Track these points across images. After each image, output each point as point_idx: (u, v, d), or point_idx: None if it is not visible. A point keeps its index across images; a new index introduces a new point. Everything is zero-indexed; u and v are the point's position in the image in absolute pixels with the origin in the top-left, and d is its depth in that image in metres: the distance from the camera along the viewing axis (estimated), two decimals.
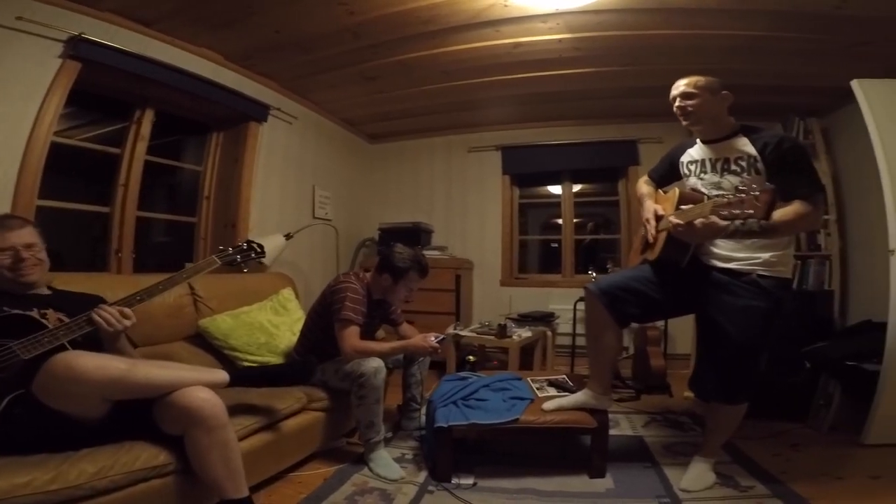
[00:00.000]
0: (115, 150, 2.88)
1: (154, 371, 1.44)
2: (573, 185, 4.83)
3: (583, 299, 2.15)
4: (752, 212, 1.48)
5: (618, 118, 4.40)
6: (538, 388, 2.35)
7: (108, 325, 1.48)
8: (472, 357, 3.24)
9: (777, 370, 2.72)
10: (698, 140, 2.00)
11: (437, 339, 2.26)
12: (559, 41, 2.94)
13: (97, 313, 1.48)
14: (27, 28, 2.21)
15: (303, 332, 2.47)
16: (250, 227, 3.39)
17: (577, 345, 3.81)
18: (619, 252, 4.63)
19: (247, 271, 1.94)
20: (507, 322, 3.61)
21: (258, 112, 3.48)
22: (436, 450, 2.07)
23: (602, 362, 2.07)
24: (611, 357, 2.08)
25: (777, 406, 2.68)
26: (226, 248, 1.82)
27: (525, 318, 3.95)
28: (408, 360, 2.58)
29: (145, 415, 1.46)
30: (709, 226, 1.65)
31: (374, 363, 2.10)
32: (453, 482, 1.99)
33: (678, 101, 1.91)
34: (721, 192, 1.72)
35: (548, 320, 3.98)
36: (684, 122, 1.93)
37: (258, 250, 1.86)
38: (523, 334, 3.51)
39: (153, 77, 2.72)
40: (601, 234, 5.04)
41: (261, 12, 2.62)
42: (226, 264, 1.80)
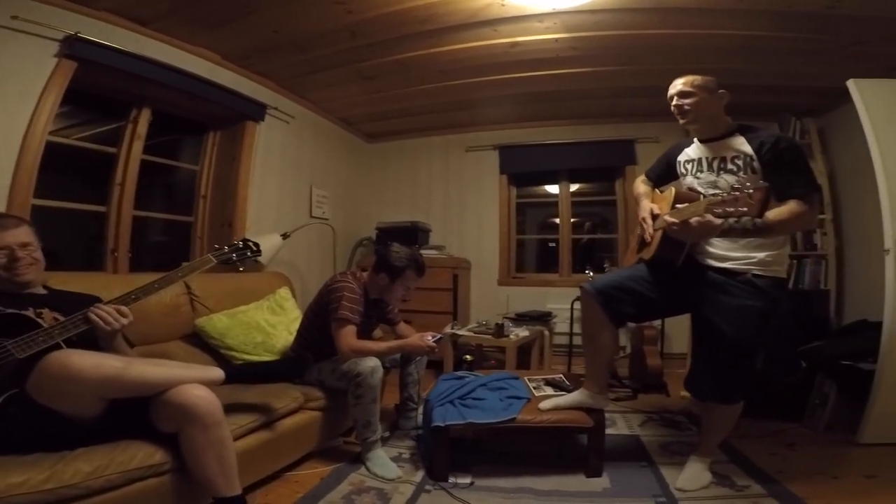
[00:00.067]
0: (111, 150, 2.87)
1: (149, 369, 1.44)
2: (570, 185, 4.84)
3: (580, 299, 2.15)
4: (745, 209, 1.48)
5: (615, 118, 4.40)
6: (535, 388, 2.36)
7: (104, 323, 1.47)
8: (468, 356, 3.25)
9: (773, 369, 2.73)
10: (695, 139, 2.01)
11: (434, 339, 2.27)
12: (556, 41, 2.94)
13: (93, 312, 1.47)
14: (23, 27, 2.21)
15: (299, 332, 2.47)
16: (247, 226, 3.39)
17: (574, 344, 3.81)
18: (616, 251, 4.64)
19: (242, 270, 1.94)
20: (505, 321, 3.62)
21: (255, 111, 3.47)
22: (433, 449, 2.07)
23: (598, 362, 2.08)
24: (607, 356, 2.09)
25: (773, 405, 2.69)
26: (221, 247, 1.82)
27: (522, 318, 3.96)
28: (405, 360, 2.58)
29: (141, 413, 1.46)
30: (704, 224, 1.65)
31: (371, 362, 2.10)
32: (450, 481, 1.99)
33: (675, 100, 1.92)
34: (717, 191, 1.72)
35: (545, 320, 3.99)
36: (681, 121, 1.93)
37: (254, 249, 1.86)
38: (520, 334, 3.51)
39: (150, 76, 2.71)
40: (598, 233, 5.05)
41: (258, 11, 2.61)
42: (221, 263, 1.80)
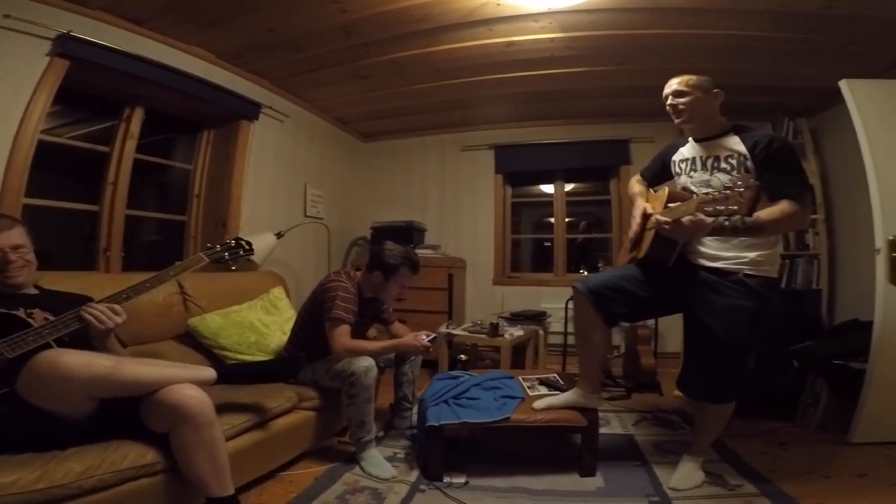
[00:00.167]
0: (103, 149, 2.85)
1: (140, 369, 1.43)
2: (565, 185, 4.84)
3: (572, 298, 2.15)
4: (735, 208, 1.48)
5: (610, 118, 4.41)
6: (529, 387, 2.36)
7: (98, 322, 1.47)
8: (463, 356, 3.25)
9: (765, 369, 2.74)
10: (690, 139, 2.02)
11: (428, 338, 2.27)
12: (551, 40, 2.94)
13: (86, 311, 1.46)
14: (15, 26, 2.19)
15: (293, 332, 2.47)
16: (241, 225, 3.37)
17: (568, 343, 3.82)
18: (611, 251, 4.65)
19: (235, 269, 1.94)
20: (500, 321, 3.62)
21: (249, 110, 3.46)
22: (427, 449, 2.07)
23: (591, 361, 2.08)
24: (600, 356, 2.09)
25: (765, 405, 2.70)
26: (214, 246, 1.81)
27: (517, 317, 3.97)
28: (399, 359, 2.58)
29: (132, 413, 1.45)
30: (695, 223, 1.65)
31: (365, 362, 2.10)
32: (445, 481, 1.99)
33: (670, 100, 1.92)
34: (710, 190, 1.73)
35: (540, 319, 4.00)
36: (676, 121, 1.94)
37: (246, 248, 1.85)
38: (515, 333, 3.52)
39: (143, 75, 2.69)
40: (593, 233, 5.06)
41: (253, 11, 2.60)
42: (213, 262, 1.79)
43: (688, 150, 2.01)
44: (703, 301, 1.87)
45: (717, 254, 1.86)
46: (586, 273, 3.47)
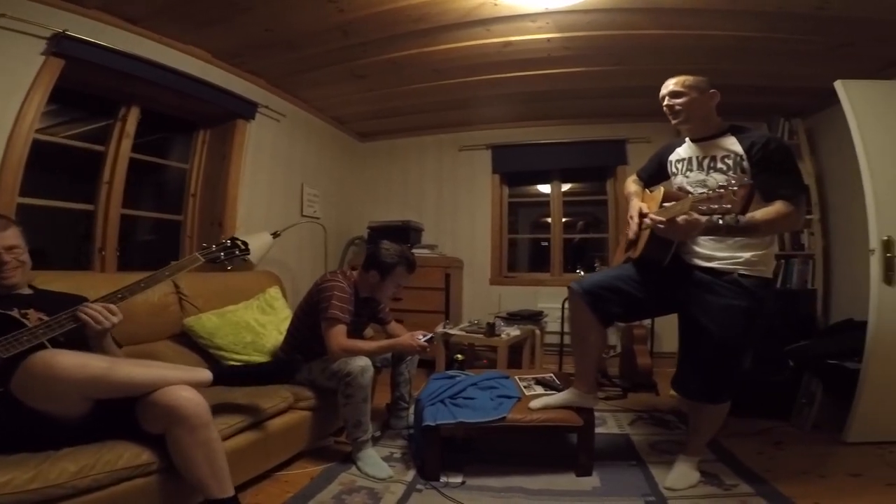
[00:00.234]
0: (99, 148, 2.84)
1: (136, 370, 1.42)
2: (562, 185, 4.85)
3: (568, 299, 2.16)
4: (729, 206, 1.49)
5: (607, 118, 4.42)
6: (525, 387, 2.36)
7: (94, 322, 1.46)
8: (459, 356, 3.24)
9: (761, 368, 2.76)
10: (687, 139, 2.02)
11: (424, 338, 2.26)
12: (548, 40, 2.95)
13: (83, 311, 1.45)
14: (10, 25, 2.18)
15: (289, 331, 2.46)
16: (237, 225, 3.37)
17: (565, 343, 3.82)
18: (608, 251, 4.66)
19: (231, 269, 1.93)
20: (496, 321, 3.62)
21: (246, 110, 3.45)
22: (424, 448, 2.07)
23: (587, 361, 2.08)
24: (595, 356, 2.09)
25: (761, 404, 2.71)
26: (209, 246, 1.81)
27: (514, 317, 3.96)
28: (396, 359, 2.58)
29: (127, 414, 1.44)
30: (690, 222, 1.65)
31: (361, 362, 2.10)
32: (441, 481, 1.99)
33: (667, 100, 1.93)
34: (705, 190, 1.72)
35: (536, 319, 3.99)
36: (673, 121, 1.94)
37: (242, 248, 1.84)
38: (512, 333, 3.52)
39: (139, 74, 2.69)
40: (590, 233, 5.07)
41: (250, 10, 2.59)
42: (209, 262, 1.79)
43: (684, 150, 2.02)
44: (698, 301, 1.87)
45: (712, 254, 1.86)
46: (583, 273, 3.47)
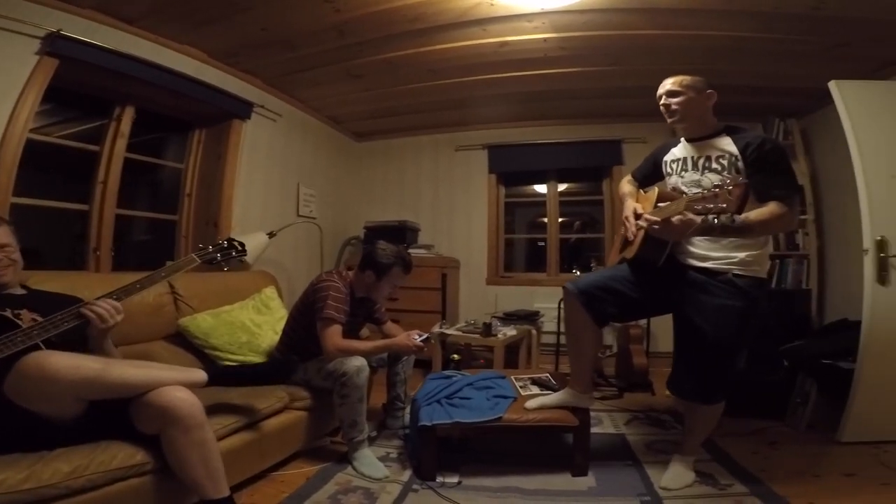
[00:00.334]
0: (93, 148, 2.83)
1: (129, 371, 1.42)
2: (558, 185, 4.86)
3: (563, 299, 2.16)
4: (724, 206, 1.49)
5: (603, 118, 4.42)
6: (521, 387, 2.37)
7: (100, 320, 1.45)
8: (456, 356, 3.25)
9: (756, 368, 2.77)
10: (682, 139, 2.02)
11: (420, 338, 2.26)
12: (545, 40, 2.95)
13: (90, 308, 1.44)
14: (4, 25, 2.17)
15: (285, 331, 2.46)
16: (233, 225, 3.36)
17: (561, 343, 3.82)
18: (604, 251, 4.66)
19: (227, 270, 1.93)
20: (493, 321, 3.63)
21: (242, 109, 3.44)
22: (420, 448, 2.07)
23: (582, 361, 2.08)
24: (591, 356, 2.10)
25: (755, 404, 2.72)
26: (206, 247, 1.80)
27: (510, 317, 3.97)
28: (392, 359, 2.58)
29: (121, 414, 1.43)
30: (685, 222, 1.66)
31: (357, 362, 2.10)
32: (438, 481, 1.99)
33: (663, 99, 1.93)
34: (700, 190, 1.73)
35: (533, 319, 4.00)
36: (669, 120, 1.94)
37: (239, 248, 1.84)
38: (508, 333, 3.52)
39: (134, 74, 2.67)
40: (587, 232, 5.07)
41: (247, 10, 2.59)
42: (206, 263, 1.78)
43: (679, 150, 2.02)
44: (693, 301, 1.87)
45: (706, 254, 1.86)
46: (579, 273, 3.47)
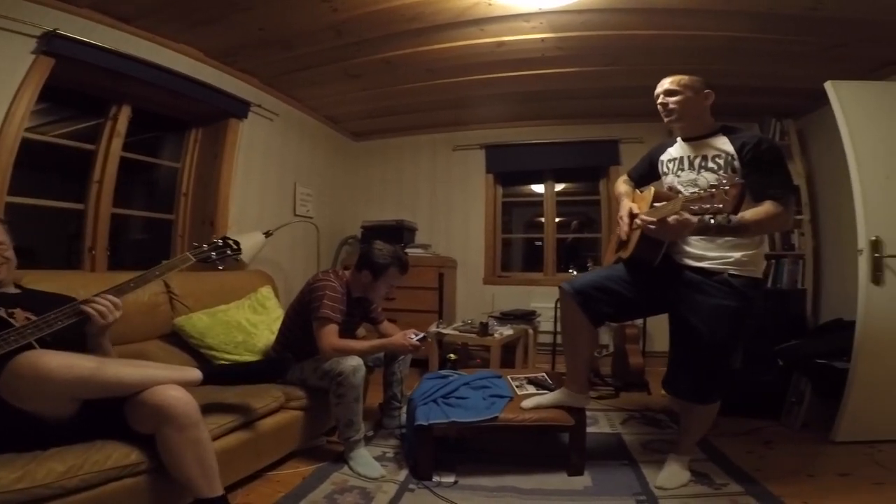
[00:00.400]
0: (89, 147, 2.82)
1: (124, 370, 1.41)
2: (556, 185, 4.87)
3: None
4: (721, 206, 1.49)
5: (600, 118, 4.43)
6: (518, 386, 2.37)
7: (101, 316, 1.44)
8: (452, 355, 3.25)
9: (751, 368, 2.76)
10: (678, 138, 2.03)
11: (417, 338, 2.26)
12: (542, 40, 2.95)
13: (90, 305, 1.44)
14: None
15: (281, 331, 2.45)
16: (229, 224, 3.35)
17: (557, 343, 3.83)
18: (601, 251, 4.67)
19: (223, 269, 1.92)
20: (490, 320, 3.63)
21: (238, 109, 3.44)
22: (416, 448, 2.07)
23: (578, 361, 2.09)
24: (587, 356, 2.10)
25: (751, 403, 2.73)
26: (200, 245, 1.79)
27: (507, 317, 3.97)
28: (389, 359, 2.57)
29: (116, 414, 1.43)
30: (681, 222, 1.65)
31: (353, 361, 2.09)
32: (434, 480, 1.99)
33: (661, 98, 1.94)
34: (696, 189, 1.73)
35: (529, 318, 4.01)
36: (666, 119, 1.94)
37: (234, 247, 1.83)
38: (505, 332, 3.53)
39: (130, 73, 2.67)
40: (583, 232, 5.08)
41: (244, 9, 2.58)
42: (200, 261, 1.77)
43: (676, 149, 2.03)
44: (688, 301, 1.88)
45: (702, 254, 1.87)
46: (575, 273, 3.48)
